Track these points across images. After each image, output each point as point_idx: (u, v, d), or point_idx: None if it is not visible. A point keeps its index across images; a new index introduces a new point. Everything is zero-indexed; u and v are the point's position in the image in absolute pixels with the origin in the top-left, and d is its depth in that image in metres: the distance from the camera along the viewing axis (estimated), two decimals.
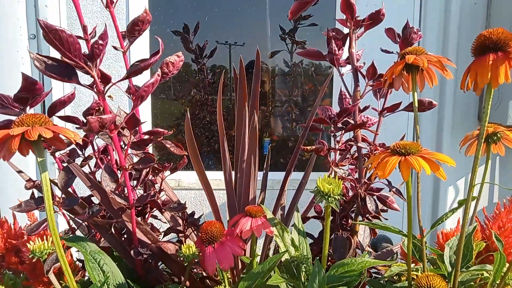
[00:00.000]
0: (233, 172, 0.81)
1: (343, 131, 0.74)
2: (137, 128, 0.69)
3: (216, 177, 1.44)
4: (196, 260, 0.60)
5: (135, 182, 0.73)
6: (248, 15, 1.73)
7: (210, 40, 1.81)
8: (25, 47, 1.33)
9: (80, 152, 0.75)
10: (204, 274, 0.75)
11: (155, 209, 0.73)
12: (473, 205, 0.63)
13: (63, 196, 0.62)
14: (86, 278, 0.76)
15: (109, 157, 0.73)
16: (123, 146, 0.70)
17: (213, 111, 1.88)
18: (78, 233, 0.71)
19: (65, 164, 0.69)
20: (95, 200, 0.70)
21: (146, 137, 0.71)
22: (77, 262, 0.77)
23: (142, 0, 1.39)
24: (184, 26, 1.96)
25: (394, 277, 0.73)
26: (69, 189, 0.65)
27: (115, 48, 0.69)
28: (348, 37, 0.77)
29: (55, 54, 0.58)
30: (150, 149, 0.77)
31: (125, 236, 0.71)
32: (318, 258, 0.59)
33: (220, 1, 1.72)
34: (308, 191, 0.80)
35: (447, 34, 1.29)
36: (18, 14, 1.31)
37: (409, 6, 1.32)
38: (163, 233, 0.76)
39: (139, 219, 0.72)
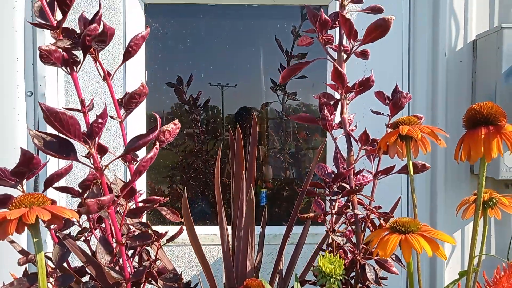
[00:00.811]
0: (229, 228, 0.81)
1: (339, 196, 0.75)
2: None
3: (211, 232, 1.43)
4: None
5: (130, 250, 0.72)
6: (241, 58, 1.77)
7: (202, 81, 1.84)
8: (22, 104, 1.34)
9: (74, 220, 0.74)
10: None
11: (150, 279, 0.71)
12: (474, 276, 0.62)
13: (58, 271, 0.61)
14: None
15: (103, 226, 0.72)
16: (119, 215, 0.70)
17: (208, 160, 1.89)
18: None
19: (59, 235, 0.68)
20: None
21: (142, 205, 0.71)
22: None
23: (139, 63, 1.43)
24: (178, 78, 2.00)
25: None
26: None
27: (112, 118, 0.70)
28: (340, 103, 0.79)
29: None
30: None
31: None
32: None
33: (213, 46, 1.77)
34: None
35: (436, 91, 1.34)
36: (16, 72, 1.33)
37: (398, 66, 1.38)
38: None
39: None
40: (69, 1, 0.54)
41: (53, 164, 1.34)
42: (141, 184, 1.47)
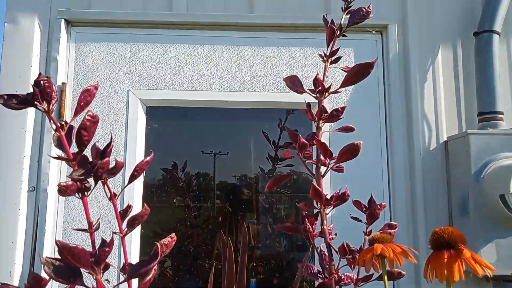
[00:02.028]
0: None
1: None
2: None
3: None
4: None
5: None
6: (234, 149, 1.88)
7: (195, 149, 1.92)
8: (24, 199, 1.41)
9: None
10: None
11: None
12: None
13: None
14: None
15: None
16: None
17: (199, 245, 1.92)
18: None
19: None
20: None
21: None
22: None
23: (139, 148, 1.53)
24: (173, 164, 2.11)
25: None
26: None
27: (114, 233, 0.77)
28: (320, 215, 0.87)
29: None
30: None
31: None
32: None
33: (207, 142, 1.89)
34: None
35: (414, 187, 1.44)
36: (22, 169, 1.42)
37: (378, 168, 1.49)
38: None
39: None
40: (86, 142, 0.65)
41: None
42: None
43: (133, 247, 1.48)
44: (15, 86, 1.44)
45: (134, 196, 1.48)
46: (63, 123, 0.68)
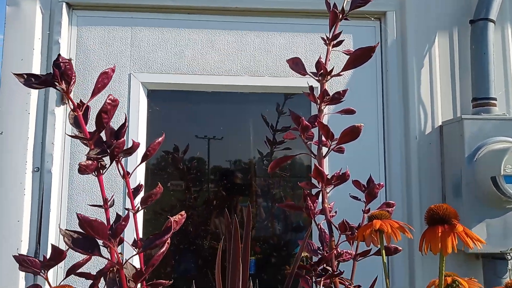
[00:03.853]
0: None
1: (323, 278, 0.85)
2: None
3: None
4: None
5: None
6: (229, 113, 1.90)
7: (190, 134, 1.94)
8: (29, 179, 1.44)
9: None
10: None
11: None
12: None
13: None
14: None
15: None
16: None
17: (198, 226, 1.96)
18: None
19: None
20: None
21: None
22: None
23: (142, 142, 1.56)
24: (174, 146, 2.14)
25: None
26: None
27: (127, 209, 0.81)
28: (321, 193, 0.92)
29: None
30: None
31: None
32: None
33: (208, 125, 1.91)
34: None
35: (409, 170, 1.49)
36: (26, 150, 1.44)
37: (375, 151, 1.54)
38: None
39: None
40: (106, 124, 0.68)
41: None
42: None
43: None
44: (18, 69, 1.45)
45: (137, 178, 1.51)
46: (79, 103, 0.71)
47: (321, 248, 0.93)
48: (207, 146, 2.01)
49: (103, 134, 0.80)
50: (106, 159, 0.76)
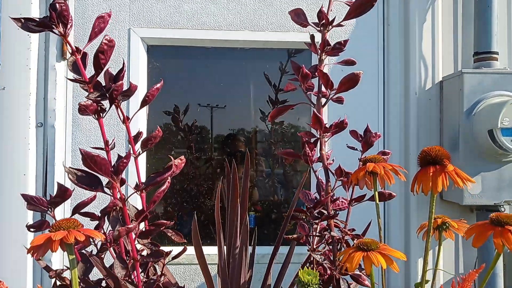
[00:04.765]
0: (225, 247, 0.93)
1: (319, 220, 0.88)
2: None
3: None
4: None
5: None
6: (232, 80, 1.90)
7: (192, 102, 1.96)
8: (32, 134, 1.46)
9: (91, 240, 0.86)
10: None
11: None
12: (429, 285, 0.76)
13: (82, 284, 0.73)
14: None
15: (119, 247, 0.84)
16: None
17: (200, 184, 2.01)
18: None
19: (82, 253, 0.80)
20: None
21: (152, 228, 0.83)
22: None
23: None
24: (174, 106, 2.15)
25: None
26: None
27: (129, 153, 0.83)
28: (319, 141, 0.94)
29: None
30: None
31: None
32: None
33: (208, 81, 1.91)
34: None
35: (408, 125, 1.50)
36: (29, 105, 1.46)
37: (374, 104, 1.54)
38: None
39: None
40: (103, 65, 0.69)
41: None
42: None
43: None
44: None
45: (139, 126, 1.53)
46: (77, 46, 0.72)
47: (318, 198, 0.95)
48: (210, 113, 2.02)
49: (102, 80, 0.81)
50: (106, 104, 0.78)
